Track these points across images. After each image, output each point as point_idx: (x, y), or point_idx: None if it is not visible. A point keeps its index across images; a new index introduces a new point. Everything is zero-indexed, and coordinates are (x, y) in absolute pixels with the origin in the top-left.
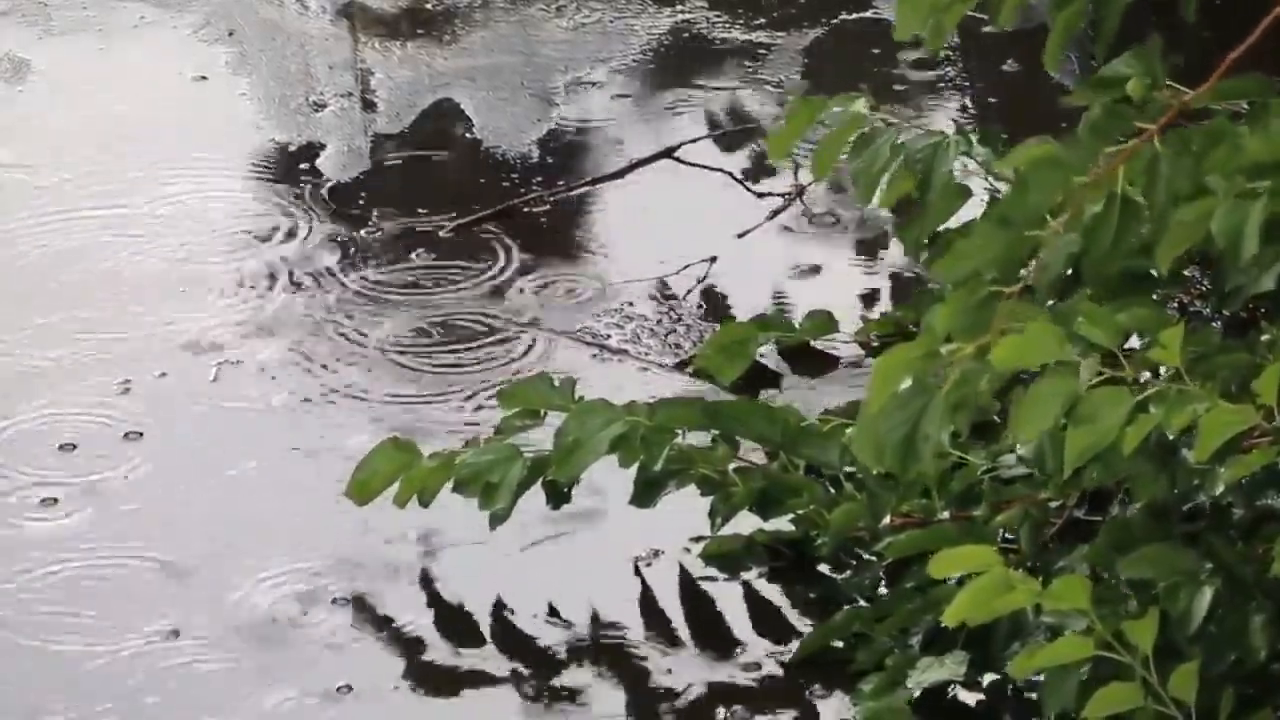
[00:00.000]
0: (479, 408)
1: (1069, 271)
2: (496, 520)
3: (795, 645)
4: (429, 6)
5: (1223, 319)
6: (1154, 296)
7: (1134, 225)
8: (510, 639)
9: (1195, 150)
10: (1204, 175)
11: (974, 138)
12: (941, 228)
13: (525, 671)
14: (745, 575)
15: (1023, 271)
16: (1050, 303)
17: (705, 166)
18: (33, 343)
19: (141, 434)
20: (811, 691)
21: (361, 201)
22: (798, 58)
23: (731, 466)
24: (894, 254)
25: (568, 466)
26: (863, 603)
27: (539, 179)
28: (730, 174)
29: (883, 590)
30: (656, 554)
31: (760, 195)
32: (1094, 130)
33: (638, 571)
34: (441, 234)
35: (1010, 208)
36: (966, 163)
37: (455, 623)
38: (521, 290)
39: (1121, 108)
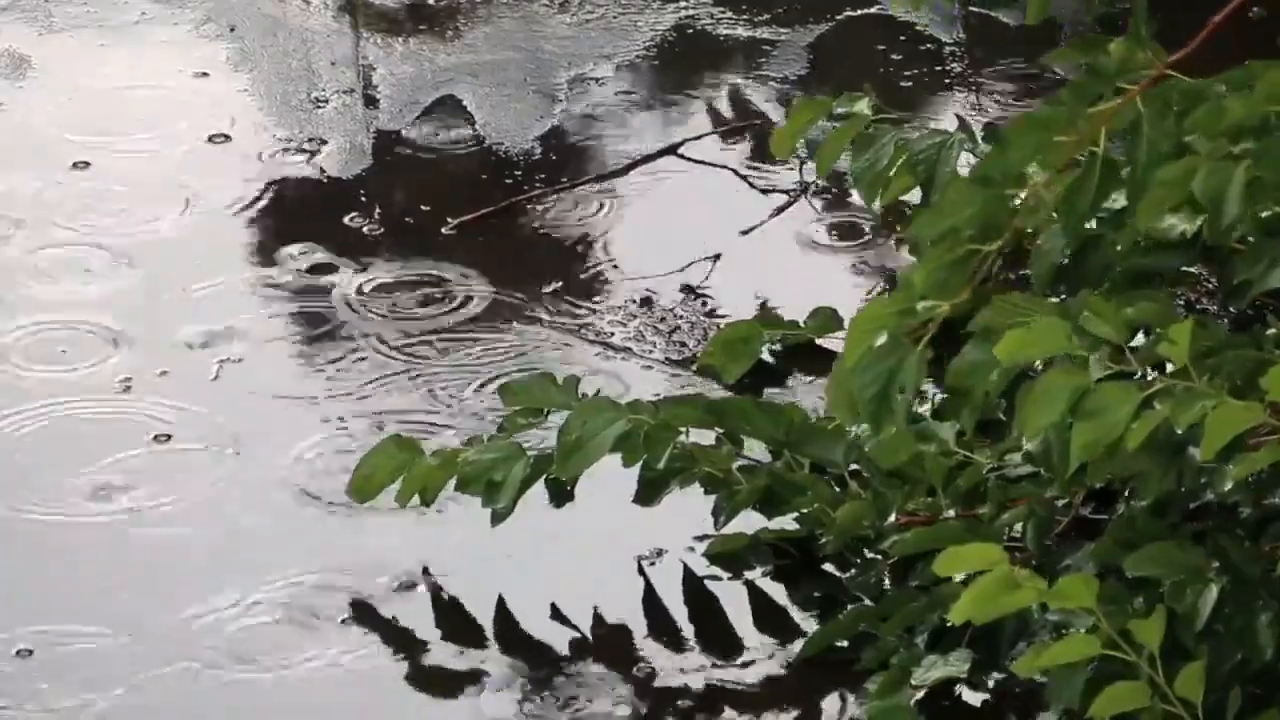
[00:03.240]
0: (481, 407)
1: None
2: (499, 518)
3: (800, 644)
4: (431, 2)
5: (1229, 316)
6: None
7: (1114, 185)
8: (513, 638)
9: (1177, 111)
10: (1185, 136)
11: (979, 134)
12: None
13: (528, 671)
14: (749, 574)
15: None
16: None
17: (709, 163)
18: (32, 339)
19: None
20: (816, 691)
21: (364, 198)
22: (802, 53)
23: (735, 465)
24: (898, 250)
25: (571, 465)
26: (868, 602)
27: (542, 176)
28: (735, 171)
29: (888, 589)
30: (660, 553)
31: (765, 192)
32: (1076, 91)
33: (641, 571)
34: (445, 231)
35: (990, 166)
36: (971, 160)
37: (457, 622)
38: (524, 288)
39: (1105, 65)
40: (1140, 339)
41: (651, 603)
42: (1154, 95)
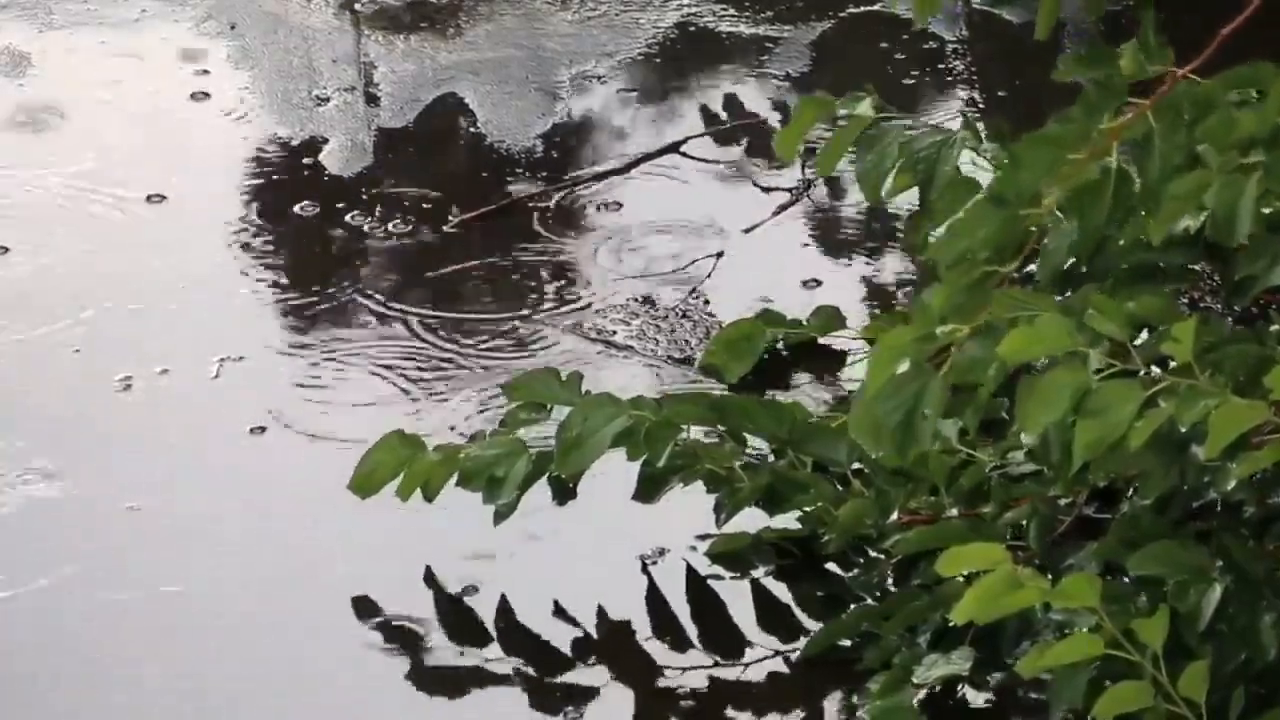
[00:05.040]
0: (484, 404)
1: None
2: (501, 517)
3: (802, 643)
4: None
5: (1232, 313)
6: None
7: (1128, 198)
8: (515, 637)
9: (1188, 122)
10: (1197, 146)
11: (982, 133)
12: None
13: (530, 670)
14: (752, 573)
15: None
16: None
17: (711, 161)
18: (33, 339)
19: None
20: (818, 690)
21: (365, 196)
22: (804, 51)
23: (738, 463)
24: (900, 249)
25: (570, 462)
26: (870, 601)
27: (544, 174)
28: (737, 169)
29: (890, 588)
30: (662, 552)
31: (767, 190)
32: (1087, 106)
33: (644, 569)
34: (446, 229)
35: (1003, 186)
36: (975, 159)
37: (460, 621)
38: (525, 286)
39: (1115, 81)
40: (1143, 336)
41: (654, 602)
42: (1165, 107)
